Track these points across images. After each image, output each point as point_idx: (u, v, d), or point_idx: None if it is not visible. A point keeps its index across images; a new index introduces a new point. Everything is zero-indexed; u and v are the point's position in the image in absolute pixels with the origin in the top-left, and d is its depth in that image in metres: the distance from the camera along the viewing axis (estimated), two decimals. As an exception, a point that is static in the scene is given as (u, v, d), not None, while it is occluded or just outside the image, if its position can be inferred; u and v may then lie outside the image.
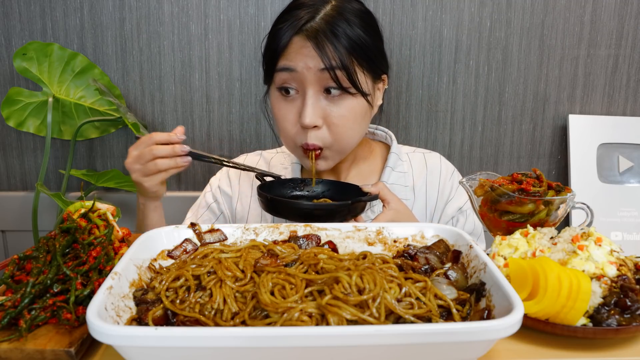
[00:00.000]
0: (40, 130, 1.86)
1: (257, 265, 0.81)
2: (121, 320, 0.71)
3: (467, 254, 0.87)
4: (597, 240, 0.87)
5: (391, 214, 1.18)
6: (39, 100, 1.82)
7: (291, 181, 1.33)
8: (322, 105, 1.24)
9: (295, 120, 1.26)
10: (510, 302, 0.67)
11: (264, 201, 1.16)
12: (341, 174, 1.45)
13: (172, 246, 0.92)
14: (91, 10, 1.85)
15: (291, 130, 1.29)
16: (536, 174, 1.09)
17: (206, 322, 0.72)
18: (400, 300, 0.73)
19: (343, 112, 1.24)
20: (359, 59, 1.23)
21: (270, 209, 1.16)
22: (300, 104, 1.25)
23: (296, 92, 1.26)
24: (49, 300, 0.77)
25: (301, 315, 0.69)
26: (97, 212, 0.97)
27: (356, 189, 1.25)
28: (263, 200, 1.16)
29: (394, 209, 1.19)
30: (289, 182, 1.33)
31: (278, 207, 1.15)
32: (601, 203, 1.95)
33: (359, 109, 1.26)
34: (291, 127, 1.28)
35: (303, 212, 1.11)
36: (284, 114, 1.28)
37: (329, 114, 1.24)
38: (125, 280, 0.77)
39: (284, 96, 1.27)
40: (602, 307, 0.79)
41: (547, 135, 2.03)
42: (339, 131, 1.26)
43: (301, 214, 1.11)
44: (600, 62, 1.97)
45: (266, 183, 1.28)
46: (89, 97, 1.85)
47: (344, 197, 1.24)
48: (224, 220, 1.50)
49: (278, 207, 1.15)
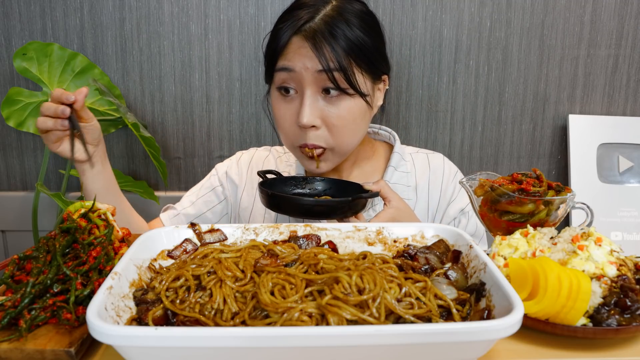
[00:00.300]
0: (40, 130, 1.86)
1: (257, 265, 0.81)
2: (121, 320, 0.71)
3: (467, 254, 0.87)
4: (597, 240, 0.87)
5: (392, 212, 1.18)
6: (39, 100, 1.82)
7: (293, 179, 1.33)
8: (320, 106, 1.24)
9: (293, 120, 1.27)
10: (510, 302, 0.67)
11: (265, 197, 1.17)
12: (343, 173, 1.45)
13: (172, 246, 0.92)
14: (91, 10, 1.85)
15: (289, 130, 1.29)
16: (536, 174, 1.09)
17: (206, 322, 0.72)
18: (400, 300, 0.73)
19: (341, 112, 1.24)
20: (357, 60, 1.22)
21: (272, 205, 1.16)
22: (299, 104, 1.25)
23: (295, 92, 1.26)
24: (49, 300, 0.77)
25: (301, 315, 0.69)
26: (97, 212, 0.97)
27: (358, 187, 1.25)
28: (264, 196, 1.16)
29: (394, 207, 1.19)
30: (291, 179, 1.33)
31: (279, 203, 1.15)
32: (601, 203, 1.95)
33: (357, 110, 1.26)
34: (289, 126, 1.28)
35: (304, 208, 1.11)
36: (282, 114, 1.29)
37: (327, 115, 1.24)
38: (125, 280, 0.77)
39: (283, 96, 1.28)
40: (602, 307, 0.79)
41: (547, 135, 2.03)
42: (338, 132, 1.26)
43: (302, 210, 1.11)
44: (600, 62, 1.97)
45: (268, 180, 1.28)
46: (89, 97, 1.85)
47: (345, 195, 1.24)
48: (226, 205, 1.50)
49: (279, 203, 1.15)
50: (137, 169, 2.01)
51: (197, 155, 2.00)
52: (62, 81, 1.81)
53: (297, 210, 1.12)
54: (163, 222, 1.48)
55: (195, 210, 1.49)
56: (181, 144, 1.99)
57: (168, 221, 1.47)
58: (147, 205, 1.95)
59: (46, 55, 1.79)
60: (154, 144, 1.76)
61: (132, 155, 1.99)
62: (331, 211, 1.12)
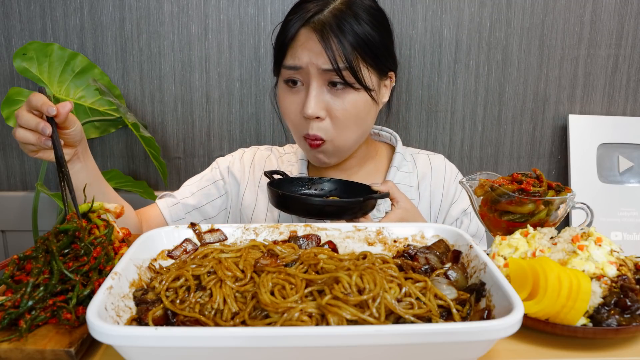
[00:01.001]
0: (40, 130, 1.85)
1: (257, 265, 0.81)
2: (121, 320, 0.71)
3: (467, 254, 0.87)
4: (597, 240, 0.87)
5: (400, 212, 1.19)
6: (39, 100, 1.82)
7: (299, 179, 1.33)
8: (326, 98, 1.25)
9: (298, 110, 1.28)
10: (510, 302, 0.67)
11: (275, 197, 1.16)
12: (348, 172, 1.45)
13: (172, 246, 0.92)
14: (91, 10, 1.85)
15: (294, 120, 1.31)
16: (536, 174, 1.09)
17: (206, 322, 0.72)
18: (400, 300, 0.73)
19: (346, 105, 1.25)
20: (363, 55, 1.23)
21: (281, 205, 1.15)
22: (305, 95, 1.26)
23: (302, 84, 1.28)
24: (49, 301, 0.77)
25: (301, 315, 0.69)
26: (96, 212, 0.97)
27: (365, 188, 1.25)
28: (273, 196, 1.15)
29: (402, 208, 1.20)
30: (297, 180, 1.33)
31: (289, 203, 1.14)
32: (601, 203, 1.95)
33: (362, 104, 1.27)
34: (294, 116, 1.30)
35: (315, 209, 1.11)
36: (288, 105, 1.31)
37: (332, 107, 1.25)
38: (125, 280, 0.77)
39: (290, 87, 1.29)
40: (602, 307, 0.79)
41: (547, 135, 2.03)
42: (341, 124, 1.27)
43: (313, 210, 1.11)
44: (600, 62, 1.97)
45: (275, 180, 1.28)
46: (89, 97, 1.85)
47: (352, 196, 1.24)
48: (226, 199, 1.49)
49: (289, 203, 1.14)
50: (137, 169, 2.01)
51: (197, 155, 2.00)
52: (62, 81, 1.82)
53: (308, 210, 1.11)
54: (160, 209, 1.45)
55: (195, 201, 1.47)
56: (181, 144, 1.99)
57: (166, 209, 1.45)
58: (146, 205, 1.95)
59: (46, 55, 1.79)
60: (154, 144, 1.76)
61: (132, 155, 1.99)
62: (342, 211, 1.11)
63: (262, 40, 1.90)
